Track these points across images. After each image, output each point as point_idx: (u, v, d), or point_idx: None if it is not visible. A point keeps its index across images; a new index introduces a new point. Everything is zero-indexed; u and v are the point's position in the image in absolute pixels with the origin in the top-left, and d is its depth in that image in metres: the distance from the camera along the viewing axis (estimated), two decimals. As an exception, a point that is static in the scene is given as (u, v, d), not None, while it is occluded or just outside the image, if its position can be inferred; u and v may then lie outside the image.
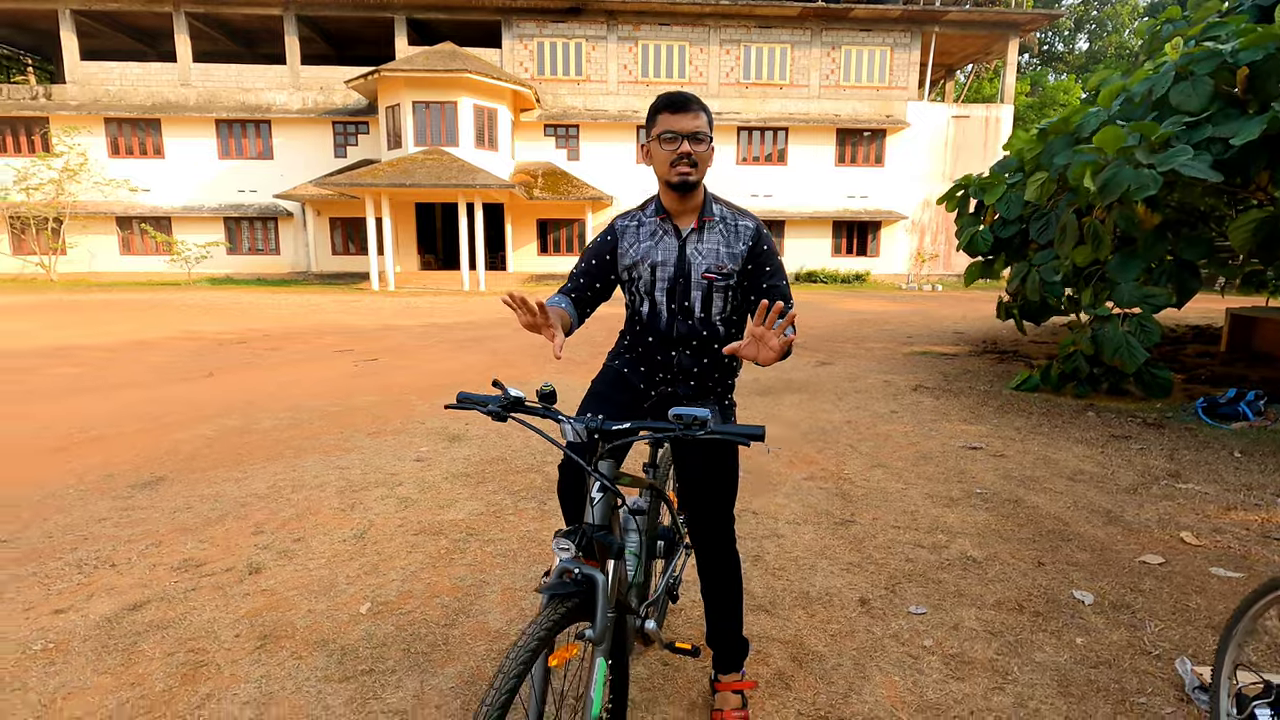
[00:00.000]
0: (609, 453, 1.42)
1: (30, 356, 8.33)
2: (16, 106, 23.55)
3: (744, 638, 1.97)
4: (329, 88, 24.25)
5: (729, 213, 1.77)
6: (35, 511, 3.37)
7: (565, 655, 1.30)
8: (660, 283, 1.75)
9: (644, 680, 2.08)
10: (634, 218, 1.81)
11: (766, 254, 1.73)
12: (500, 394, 1.37)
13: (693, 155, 1.64)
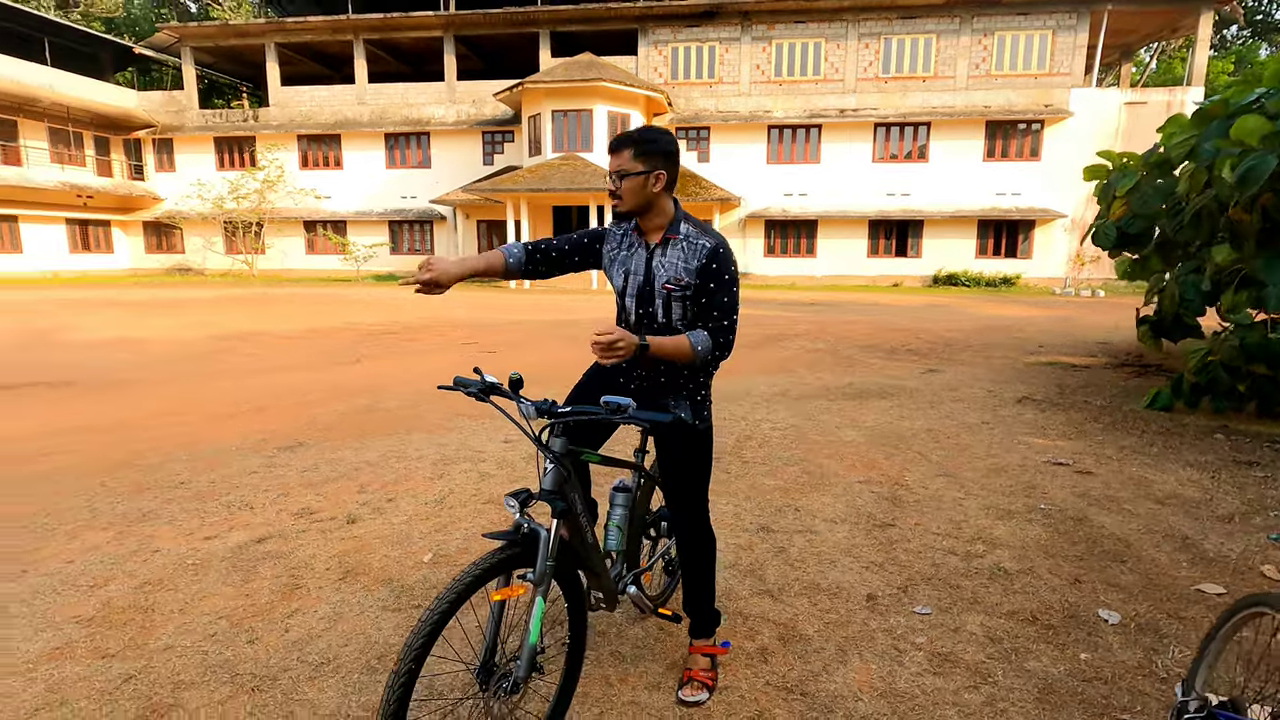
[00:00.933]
0: (562, 431, 1.72)
1: (228, 339, 9.99)
2: (232, 128, 27.73)
3: (715, 610, 2.19)
4: (480, 100, 26.28)
5: (694, 232, 1.97)
6: (207, 463, 4.22)
7: (510, 593, 1.62)
8: (630, 289, 2.01)
9: (638, 640, 2.36)
10: (620, 227, 2.08)
11: (716, 271, 1.93)
12: (479, 379, 1.72)
13: (616, 190, 1.91)
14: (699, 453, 2.06)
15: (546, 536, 1.65)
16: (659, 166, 1.90)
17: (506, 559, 1.60)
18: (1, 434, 4.95)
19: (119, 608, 2.52)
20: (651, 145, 1.88)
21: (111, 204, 27.78)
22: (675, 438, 2.04)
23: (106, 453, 4.49)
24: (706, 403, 2.10)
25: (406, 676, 1.42)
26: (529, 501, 1.63)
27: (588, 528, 1.90)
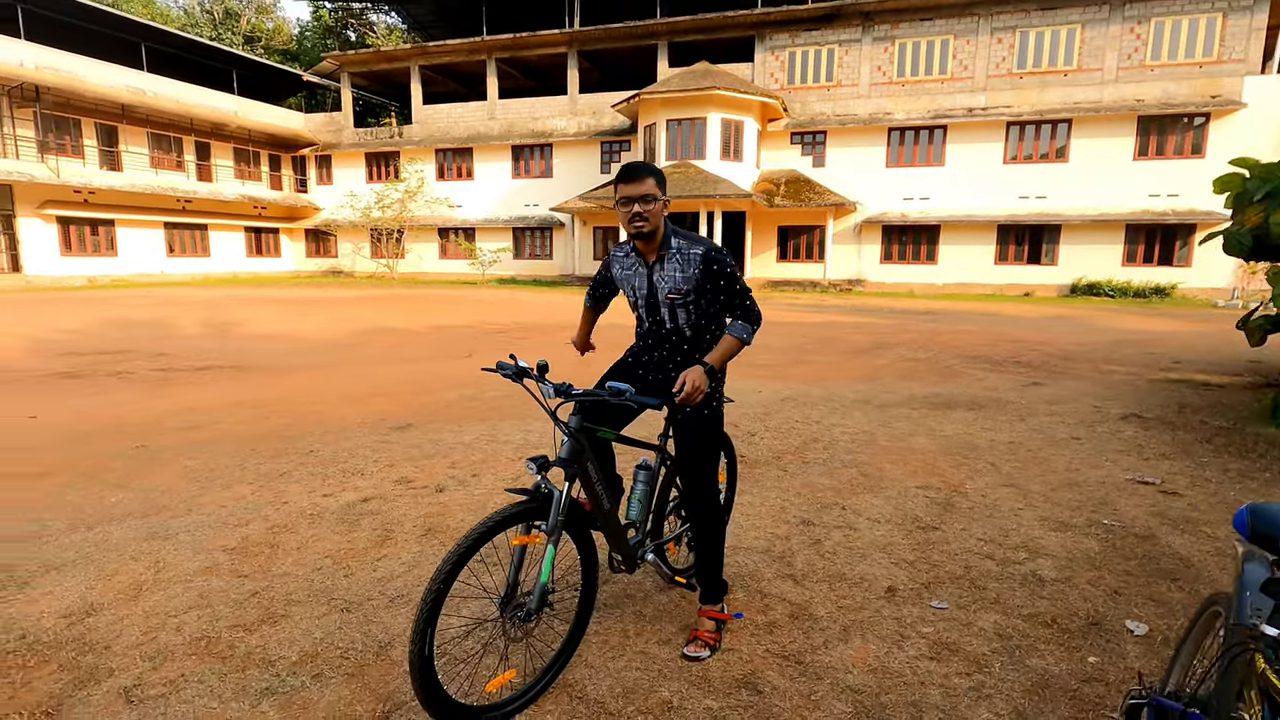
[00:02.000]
0: (577, 409, 2.06)
1: (365, 334, 11.23)
2: (380, 144, 30.60)
3: (723, 580, 2.44)
4: (599, 112, 27.34)
5: (684, 244, 2.25)
6: (333, 437, 4.95)
7: (527, 540, 1.98)
8: (640, 301, 2.33)
9: (661, 605, 2.65)
10: (623, 250, 2.38)
11: (716, 272, 2.21)
12: (513, 364, 2.09)
13: (644, 213, 2.16)
14: (706, 435, 2.32)
15: (558, 496, 2.00)
16: (665, 194, 2.22)
17: (524, 511, 1.96)
18: (189, 405, 6.01)
19: (254, 542, 3.14)
20: (662, 175, 2.21)
21: (280, 214, 31.49)
22: (687, 421, 2.32)
23: (258, 424, 5.36)
24: (718, 389, 2.36)
25: (435, 594, 1.80)
26: (546, 466, 1.98)
27: (603, 495, 2.21)
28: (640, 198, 2.16)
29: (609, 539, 2.31)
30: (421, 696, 1.78)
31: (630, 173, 2.17)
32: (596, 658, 2.29)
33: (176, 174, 27.44)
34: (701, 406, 2.30)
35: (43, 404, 6.03)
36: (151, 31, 26.82)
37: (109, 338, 10.51)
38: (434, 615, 1.80)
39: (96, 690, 2.09)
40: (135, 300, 17.48)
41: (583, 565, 2.18)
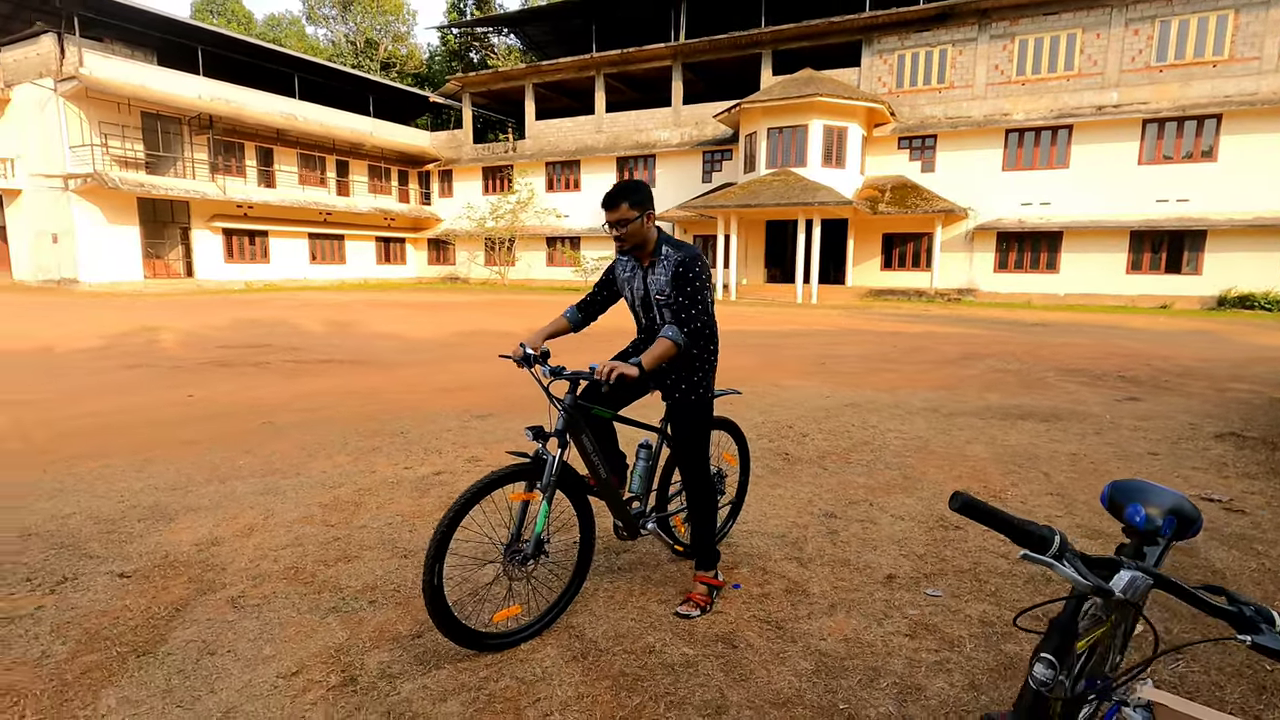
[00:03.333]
0: (571, 389, 2.43)
1: (467, 335, 12.19)
2: (496, 158, 32.55)
3: (715, 549, 2.71)
4: (702, 122, 27.73)
5: (669, 250, 2.54)
6: (422, 422, 5.61)
7: (525, 496, 2.36)
8: (637, 302, 2.66)
9: (669, 573, 2.95)
10: (625, 257, 2.69)
11: (681, 276, 2.49)
12: (522, 352, 2.47)
13: (621, 234, 2.48)
14: (693, 419, 2.63)
15: (551, 460, 2.37)
16: (648, 208, 2.50)
17: (519, 471, 2.36)
18: (311, 391, 6.94)
19: (342, 501, 3.74)
20: (639, 193, 2.47)
21: (406, 225, 34.19)
22: (676, 408, 2.63)
23: (363, 409, 6.14)
24: (705, 380, 2.63)
25: (441, 535, 2.17)
26: (541, 436, 2.36)
27: (600, 465, 2.56)
28: (615, 222, 2.48)
29: (609, 506, 2.65)
30: (433, 617, 2.18)
31: (607, 200, 2.50)
32: (601, 609, 2.64)
33: (319, 189, 30.51)
34: (689, 394, 2.59)
35: (199, 386, 7.16)
36: (303, 63, 30.05)
37: (255, 334, 12.05)
38: (440, 551, 2.17)
39: (213, 597, 2.68)
40: (280, 302, 19.70)
41: (580, 521, 2.56)
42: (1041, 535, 1.01)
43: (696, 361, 2.63)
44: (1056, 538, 1.01)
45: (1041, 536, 1.01)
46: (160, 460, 4.50)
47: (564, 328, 2.70)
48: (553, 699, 2.09)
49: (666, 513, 2.93)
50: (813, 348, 10.91)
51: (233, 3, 47.66)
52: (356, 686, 2.14)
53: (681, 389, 2.62)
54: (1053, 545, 1.01)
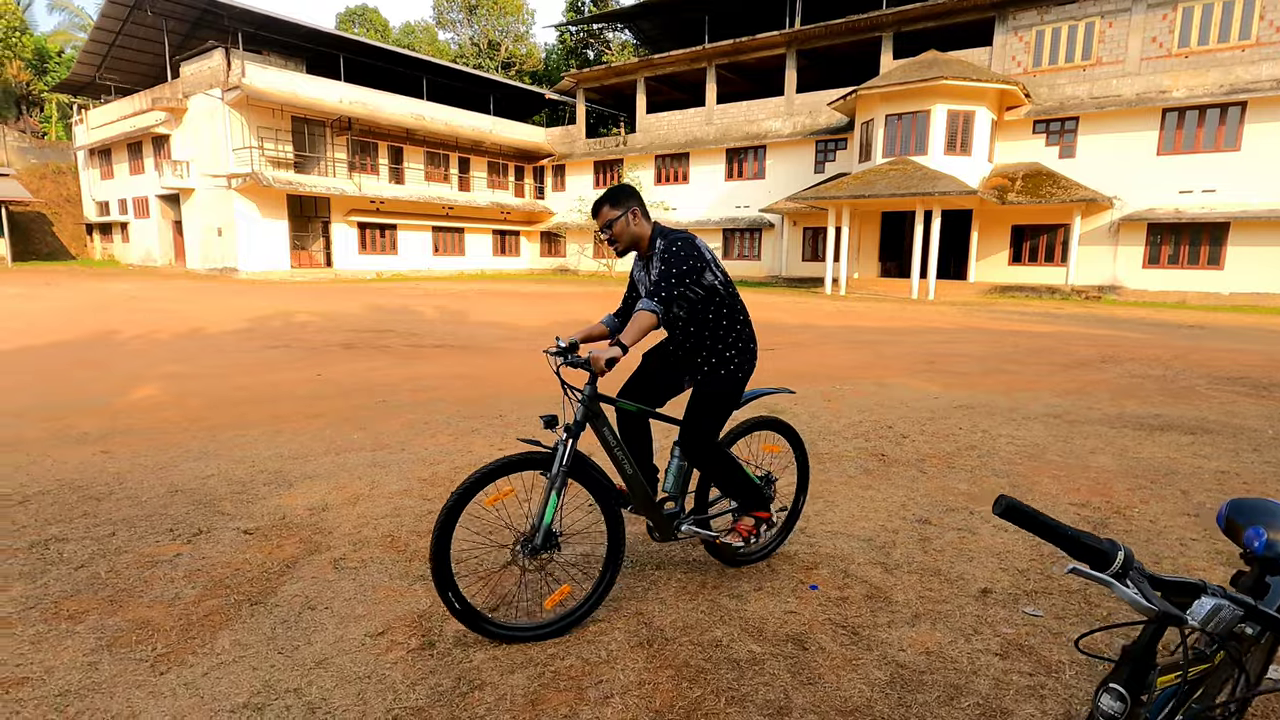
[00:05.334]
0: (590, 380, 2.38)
1: (573, 324, 12.53)
2: (607, 152, 33.12)
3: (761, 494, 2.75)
4: (815, 111, 26.86)
5: (663, 242, 2.53)
6: (521, 407, 5.82)
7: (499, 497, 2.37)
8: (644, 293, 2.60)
9: (747, 568, 2.90)
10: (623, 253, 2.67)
11: (660, 255, 2.50)
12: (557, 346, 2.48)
13: (610, 236, 2.52)
14: (710, 391, 2.59)
15: (562, 450, 2.34)
16: (631, 204, 2.51)
17: (532, 459, 2.34)
18: (423, 374, 7.40)
19: (440, 477, 3.96)
20: (617, 195, 2.51)
21: (521, 218, 35.55)
22: (700, 382, 2.62)
23: (468, 391, 6.46)
24: (728, 364, 2.59)
25: (447, 514, 2.19)
26: (553, 424, 2.35)
27: (624, 460, 2.51)
28: (603, 226, 2.54)
29: (639, 505, 2.58)
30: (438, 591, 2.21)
31: (593, 209, 2.57)
32: (672, 598, 2.64)
33: (443, 185, 32.32)
34: (717, 370, 2.58)
35: (327, 366, 7.81)
36: (431, 66, 31.89)
37: (379, 320, 12.97)
38: (444, 534, 2.18)
39: (318, 557, 2.93)
40: (404, 291, 21.09)
41: (605, 519, 2.48)
42: (1101, 550, 0.90)
43: (721, 344, 2.59)
44: (1120, 554, 0.90)
45: (1101, 551, 0.90)
46: (288, 431, 4.95)
47: (601, 333, 2.68)
48: (614, 682, 2.12)
49: (707, 515, 2.84)
50: (925, 346, 10.32)
51: (372, 12, 51.29)
52: (434, 651, 2.26)
53: (707, 367, 2.60)
54: (1114, 562, 0.90)
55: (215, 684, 2.07)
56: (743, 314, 2.65)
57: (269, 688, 2.06)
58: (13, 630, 2.34)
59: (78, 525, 3.22)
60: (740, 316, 2.64)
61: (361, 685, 2.08)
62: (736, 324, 2.62)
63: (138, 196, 30.13)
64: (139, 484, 3.79)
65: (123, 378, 6.98)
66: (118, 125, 29.82)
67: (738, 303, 2.63)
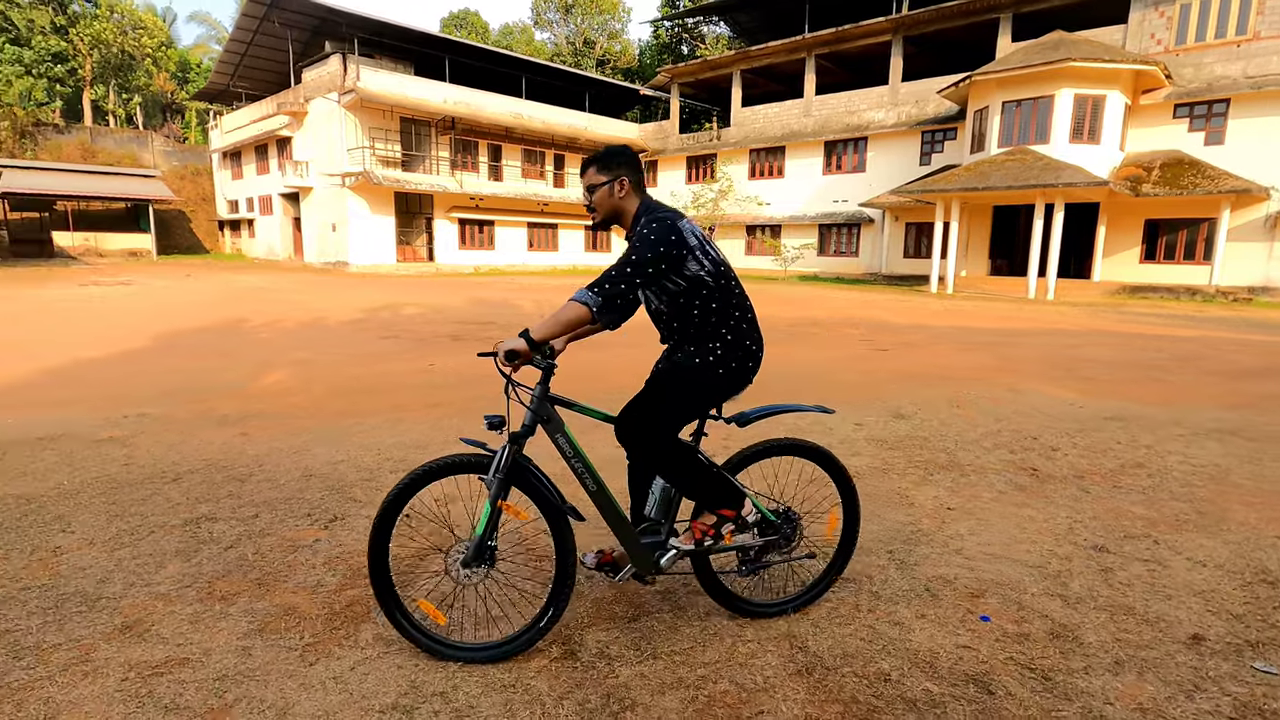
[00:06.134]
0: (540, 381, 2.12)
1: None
2: (700, 147, 32.81)
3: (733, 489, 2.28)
4: (922, 100, 25.52)
5: (643, 221, 2.15)
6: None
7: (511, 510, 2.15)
8: None
9: (901, 588, 2.63)
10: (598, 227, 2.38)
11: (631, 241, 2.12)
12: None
13: (590, 203, 2.22)
14: (667, 379, 2.21)
15: (500, 455, 2.08)
16: (621, 173, 2.15)
17: (470, 462, 2.11)
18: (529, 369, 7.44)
19: (559, 477, 3.87)
20: (610, 158, 2.18)
21: (612, 214, 35.79)
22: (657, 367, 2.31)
23: (574, 387, 6.40)
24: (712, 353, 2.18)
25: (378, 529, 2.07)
26: (497, 426, 2.01)
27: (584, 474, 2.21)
28: (586, 189, 2.21)
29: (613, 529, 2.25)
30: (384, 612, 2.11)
31: (581, 167, 2.26)
32: (824, 620, 2.41)
33: (539, 182, 33.00)
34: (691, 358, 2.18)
35: (438, 357, 8.00)
36: (529, 65, 32.58)
37: (482, 312, 13.29)
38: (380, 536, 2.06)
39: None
40: (502, 285, 21.63)
41: (553, 539, 2.20)
42: None
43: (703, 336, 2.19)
44: None
45: None
46: (408, 420, 5.04)
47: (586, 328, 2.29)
48: (778, 714, 1.91)
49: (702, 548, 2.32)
50: (1052, 349, 9.49)
51: (473, 16, 53.08)
52: (577, 663, 2.14)
53: (680, 353, 2.21)
54: None
55: (363, 680, 2.03)
56: (739, 309, 2.21)
57: (415, 689, 1.99)
58: (172, 608, 2.40)
59: (224, 505, 3.34)
60: (736, 312, 2.20)
61: (508, 695, 1.98)
62: (730, 319, 2.19)
63: (263, 195, 32.45)
64: (276, 467, 3.92)
65: (254, 364, 7.40)
66: (247, 129, 32.21)
67: (733, 296, 2.20)
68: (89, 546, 2.85)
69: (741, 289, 2.26)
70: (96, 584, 2.54)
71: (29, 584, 2.53)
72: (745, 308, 2.24)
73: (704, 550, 2.29)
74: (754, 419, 2.30)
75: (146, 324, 10.56)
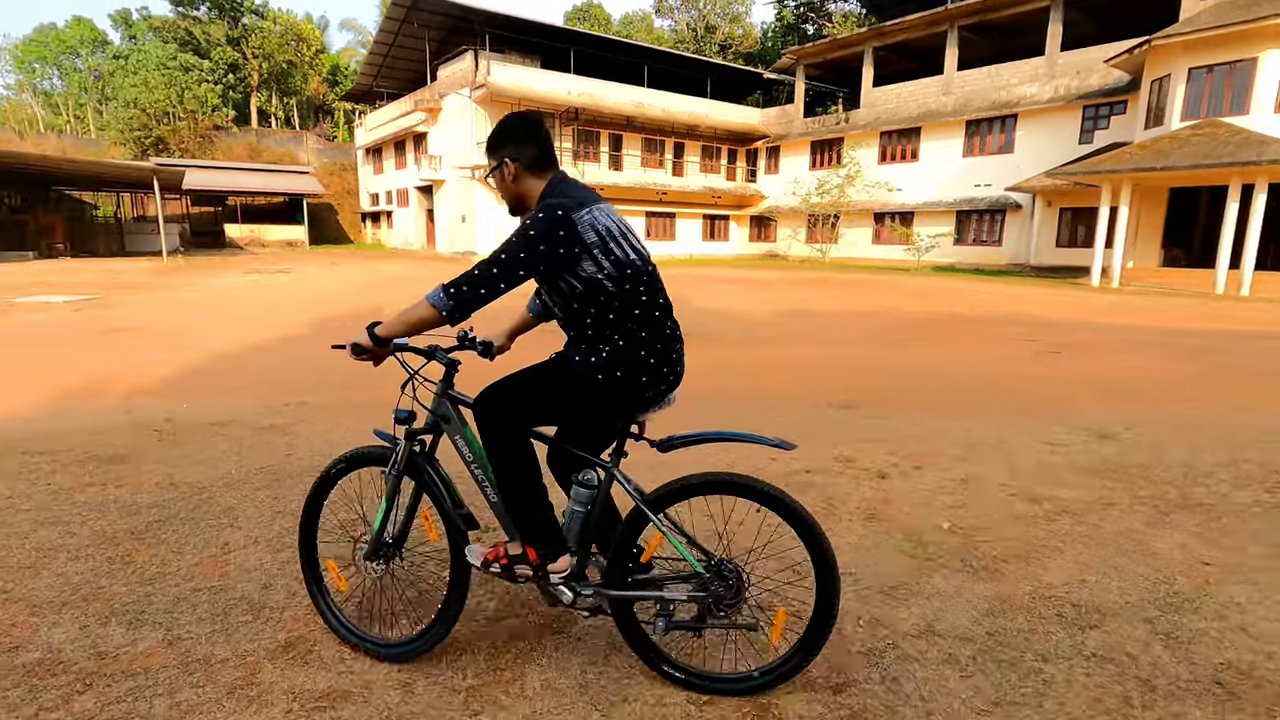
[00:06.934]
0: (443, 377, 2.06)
1: (792, 314, 11.75)
2: (826, 131, 31.35)
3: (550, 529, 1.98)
4: (1085, 70, 22.90)
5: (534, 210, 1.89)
6: (776, 407, 5.27)
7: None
8: None
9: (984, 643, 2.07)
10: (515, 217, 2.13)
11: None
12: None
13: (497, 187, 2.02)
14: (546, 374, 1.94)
15: (397, 451, 2.04)
16: (504, 154, 1.92)
17: (370, 456, 2.13)
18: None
19: (715, 488, 3.53)
20: (494, 137, 1.95)
21: (731, 202, 35.07)
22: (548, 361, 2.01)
23: (712, 386, 6.06)
24: (597, 354, 1.88)
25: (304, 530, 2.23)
26: (405, 421, 2.01)
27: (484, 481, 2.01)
28: (490, 171, 2.00)
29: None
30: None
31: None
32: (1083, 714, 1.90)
33: (658, 170, 32.84)
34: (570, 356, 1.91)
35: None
36: (650, 53, 32.39)
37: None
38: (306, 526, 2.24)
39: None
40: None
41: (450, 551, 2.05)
42: None
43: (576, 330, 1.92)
44: None
45: None
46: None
47: (527, 320, 2.28)
48: None
49: (626, 592, 1.98)
50: (1253, 355, 8.04)
51: (595, 8, 53.68)
52: None
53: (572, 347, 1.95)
54: None
55: (534, 741, 1.78)
56: (644, 315, 1.89)
57: (594, 760, 1.72)
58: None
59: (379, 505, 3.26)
60: (636, 320, 1.88)
61: (703, 782, 1.66)
62: (627, 324, 1.87)
63: (400, 188, 34.48)
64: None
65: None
66: (387, 126, 34.30)
67: (635, 304, 1.87)
68: (254, 545, 2.83)
69: (655, 292, 1.93)
70: (261, 590, 2.48)
71: (200, 584, 2.51)
72: (651, 314, 1.91)
73: (495, 575, 2.04)
74: (679, 445, 1.92)
75: (303, 310, 11.30)
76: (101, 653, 2.09)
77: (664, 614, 1.94)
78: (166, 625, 2.24)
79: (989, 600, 2.47)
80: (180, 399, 5.38)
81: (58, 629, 2.20)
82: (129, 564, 2.64)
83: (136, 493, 3.36)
